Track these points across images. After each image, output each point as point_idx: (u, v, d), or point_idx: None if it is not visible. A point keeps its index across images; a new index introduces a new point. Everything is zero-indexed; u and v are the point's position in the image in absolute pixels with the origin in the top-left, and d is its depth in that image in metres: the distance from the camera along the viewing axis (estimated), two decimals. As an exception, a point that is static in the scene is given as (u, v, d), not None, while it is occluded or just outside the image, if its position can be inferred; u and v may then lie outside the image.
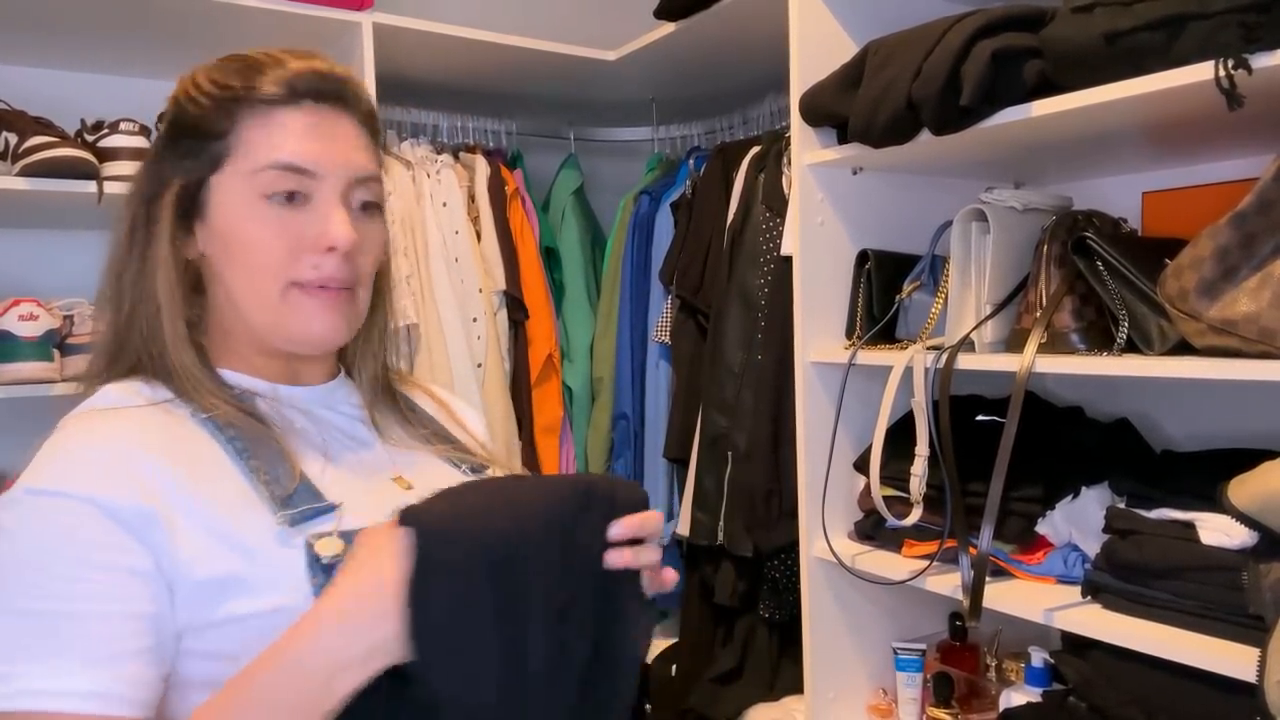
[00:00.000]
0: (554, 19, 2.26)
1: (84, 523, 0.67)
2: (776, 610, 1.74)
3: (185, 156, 0.80)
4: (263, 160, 0.78)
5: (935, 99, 1.19)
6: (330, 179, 0.79)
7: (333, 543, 0.72)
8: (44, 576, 0.65)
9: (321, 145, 0.79)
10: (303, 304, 0.79)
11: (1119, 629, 1.12)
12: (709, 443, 1.80)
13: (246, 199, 0.78)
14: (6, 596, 0.65)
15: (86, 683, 0.63)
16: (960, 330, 1.33)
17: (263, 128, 0.78)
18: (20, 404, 1.60)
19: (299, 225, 0.79)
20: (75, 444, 0.72)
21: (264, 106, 0.78)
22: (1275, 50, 0.93)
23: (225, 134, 0.78)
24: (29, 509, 0.68)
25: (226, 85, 0.79)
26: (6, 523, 0.68)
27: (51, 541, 0.66)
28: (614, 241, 2.19)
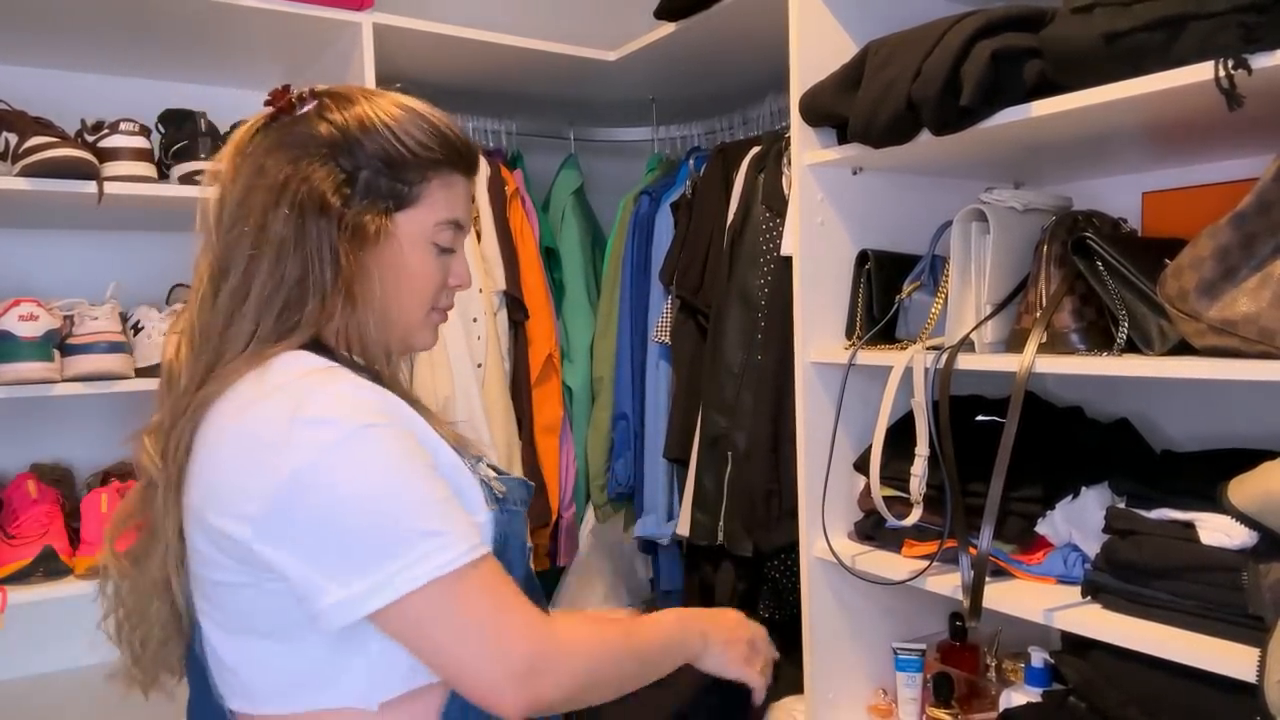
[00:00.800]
0: (554, 19, 2.25)
1: (400, 440, 0.84)
2: (776, 610, 1.74)
3: (382, 184, 0.94)
4: (444, 217, 0.98)
5: (935, 99, 1.19)
6: (464, 235, 1.03)
7: (499, 483, 0.96)
8: (416, 479, 0.83)
9: (467, 208, 1.02)
10: (427, 327, 1.02)
11: (1119, 629, 1.12)
12: (709, 443, 1.80)
13: (422, 242, 0.97)
14: (405, 500, 0.81)
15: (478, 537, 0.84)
16: (960, 330, 1.33)
17: (446, 191, 0.98)
18: (20, 404, 1.61)
19: (446, 268, 1.00)
20: (348, 389, 0.85)
21: (451, 173, 0.98)
22: (1275, 50, 0.93)
23: (417, 183, 0.96)
24: (370, 437, 0.82)
25: (429, 149, 0.96)
26: (353, 452, 0.81)
27: (404, 457, 0.83)
28: (614, 241, 2.19)
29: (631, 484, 2.13)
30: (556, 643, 0.85)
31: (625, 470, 2.13)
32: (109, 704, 1.73)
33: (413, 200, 0.96)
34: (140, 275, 1.85)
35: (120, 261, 1.91)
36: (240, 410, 0.84)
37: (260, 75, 2.00)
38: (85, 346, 1.59)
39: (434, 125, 0.98)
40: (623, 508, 2.21)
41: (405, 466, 0.83)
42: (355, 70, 1.75)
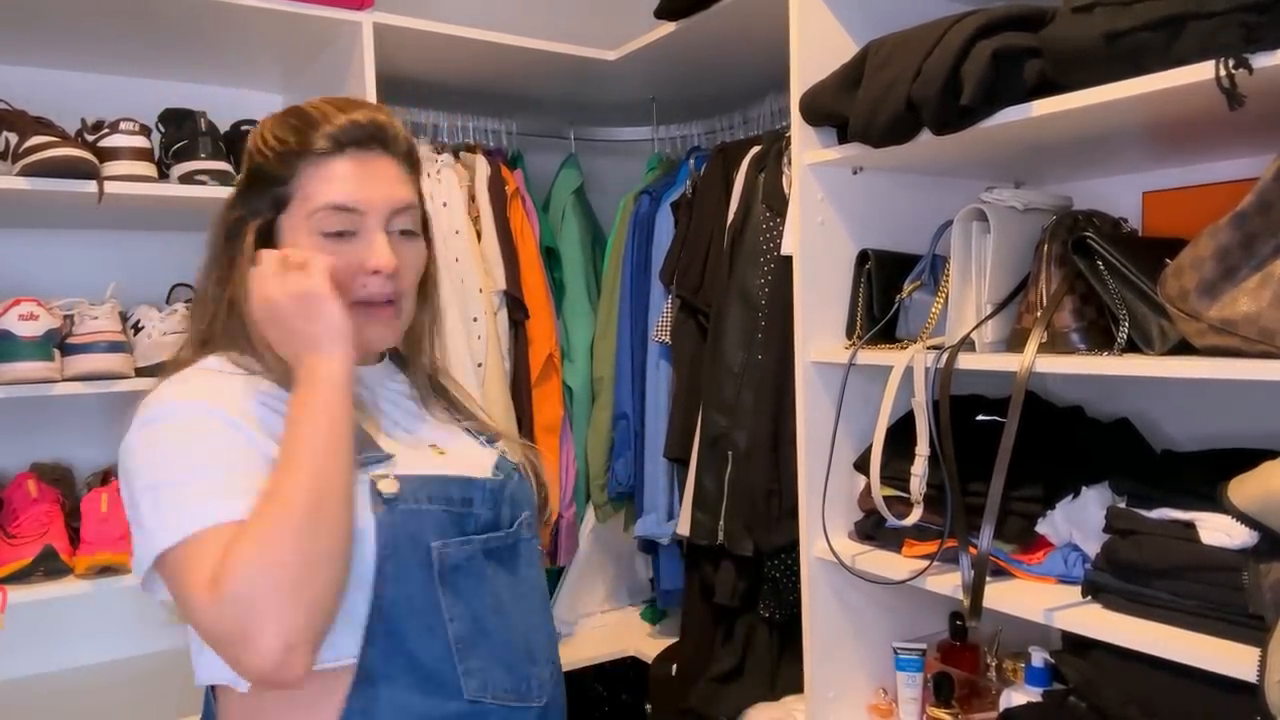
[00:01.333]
0: (554, 19, 2.26)
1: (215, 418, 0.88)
2: (777, 610, 1.74)
3: (259, 200, 0.98)
4: (318, 203, 0.95)
5: (935, 99, 1.19)
6: (372, 214, 0.97)
7: (391, 482, 0.91)
8: (190, 449, 0.86)
9: (363, 186, 0.96)
10: (359, 320, 0.96)
11: (1119, 629, 1.12)
12: (709, 442, 1.80)
13: (308, 235, 0.96)
14: (168, 470, 0.85)
15: (239, 504, 0.82)
16: (960, 330, 1.33)
17: (316, 176, 0.96)
18: (20, 404, 1.61)
19: (350, 254, 0.96)
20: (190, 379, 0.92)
21: (317, 158, 0.96)
22: (1275, 50, 0.93)
23: (287, 181, 0.96)
24: (168, 413, 0.88)
25: (285, 141, 0.96)
26: (151, 428, 0.88)
27: (193, 429, 0.87)
28: (614, 241, 2.19)
29: (631, 484, 2.13)
30: (221, 595, 0.77)
31: (625, 470, 2.13)
32: (109, 703, 1.74)
33: (288, 198, 0.96)
34: (140, 275, 1.85)
35: (120, 261, 1.91)
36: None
37: (260, 75, 2.00)
38: (85, 346, 1.59)
39: (300, 116, 0.98)
40: (623, 507, 2.21)
41: (177, 439, 0.86)
42: (355, 70, 1.75)
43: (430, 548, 0.92)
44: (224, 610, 0.77)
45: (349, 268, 0.96)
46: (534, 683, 0.98)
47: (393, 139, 1.00)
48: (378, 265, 0.96)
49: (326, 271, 0.92)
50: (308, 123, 0.96)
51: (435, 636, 0.91)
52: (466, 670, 0.93)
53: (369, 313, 0.98)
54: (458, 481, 0.97)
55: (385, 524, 0.90)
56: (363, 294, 0.97)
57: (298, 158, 0.96)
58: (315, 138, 0.95)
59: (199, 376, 0.93)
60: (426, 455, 1.01)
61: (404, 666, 0.90)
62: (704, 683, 1.83)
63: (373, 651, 0.89)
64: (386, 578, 0.89)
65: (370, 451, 0.94)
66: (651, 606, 2.33)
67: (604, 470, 2.16)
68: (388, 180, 0.98)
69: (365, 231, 0.97)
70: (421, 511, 0.93)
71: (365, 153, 0.97)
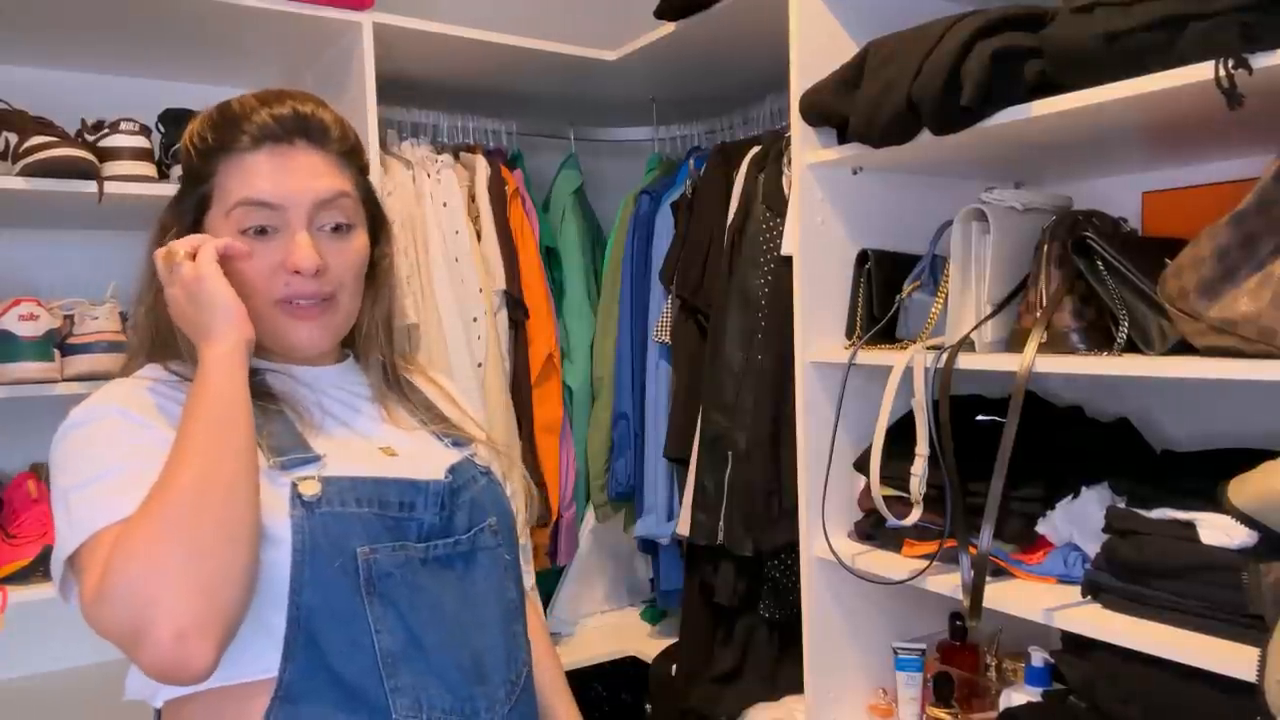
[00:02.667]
0: (554, 19, 2.26)
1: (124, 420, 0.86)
2: (776, 610, 1.74)
3: (185, 203, 0.96)
4: (234, 200, 0.92)
5: (935, 99, 1.19)
6: (292, 209, 0.93)
7: (312, 484, 0.87)
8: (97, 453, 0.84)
9: (281, 181, 0.92)
10: (283, 319, 0.94)
11: (1119, 629, 1.12)
12: (709, 442, 1.80)
13: (229, 233, 0.93)
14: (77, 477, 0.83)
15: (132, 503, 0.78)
16: (960, 330, 1.33)
17: (233, 173, 0.93)
18: (20, 404, 1.60)
19: (271, 252, 0.93)
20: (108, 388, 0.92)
21: (234, 154, 0.93)
22: (1275, 50, 0.93)
23: (208, 180, 0.94)
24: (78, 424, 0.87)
25: (204, 139, 0.94)
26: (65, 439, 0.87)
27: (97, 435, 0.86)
28: (614, 241, 2.19)
29: (631, 484, 2.13)
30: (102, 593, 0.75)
31: (625, 470, 2.13)
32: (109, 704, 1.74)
33: (209, 198, 0.94)
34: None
35: (120, 261, 1.90)
36: None
37: (260, 75, 2.00)
38: (85, 346, 1.59)
39: (223, 112, 0.95)
40: (623, 507, 2.21)
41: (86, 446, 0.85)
42: (355, 70, 1.75)
43: (355, 553, 0.86)
44: (114, 607, 0.74)
45: (270, 266, 0.92)
46: (481, 703, 0.90)
47: (318, 129, 0.95)
48: (297, 264, 0.91)
49: (214, 254, 0.88)
50: (229, 119, 0.93)
51: (360, 650, 0.84)
52: (395, 688, 0.85)
53: (295, 312, 0.94)
54: (398, 484, 0.91)
55: (302, 528, 0.84)
56: (283, 293, 0.93)
57: (218, 155, 0.93)
58: (235, 134, 0.92)
59: (118, 384, 0.92)
60: (372, 457, 0.95)
61: (326, 682, 0.83)
62: (704, 683, 1.83)
63: (292, 666, 0.83)
64: (304, 584, 0.83)
65: (297, 453, 0.89)
66: (651, 606, 2.33)
67: (604, 470, 2.16)
68: (309, 173, 0.93)
69: (286, 228, 0.93)
70: (346, 515, 0.87)
71: (286, 146, 0.93)
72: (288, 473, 0.87)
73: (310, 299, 0.94)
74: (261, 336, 0.93)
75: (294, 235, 0.92)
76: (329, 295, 0.95)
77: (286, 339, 0.95)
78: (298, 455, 0.89)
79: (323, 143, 0.96)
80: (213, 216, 0.94)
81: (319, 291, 0.94)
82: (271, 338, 0.95)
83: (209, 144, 0.93)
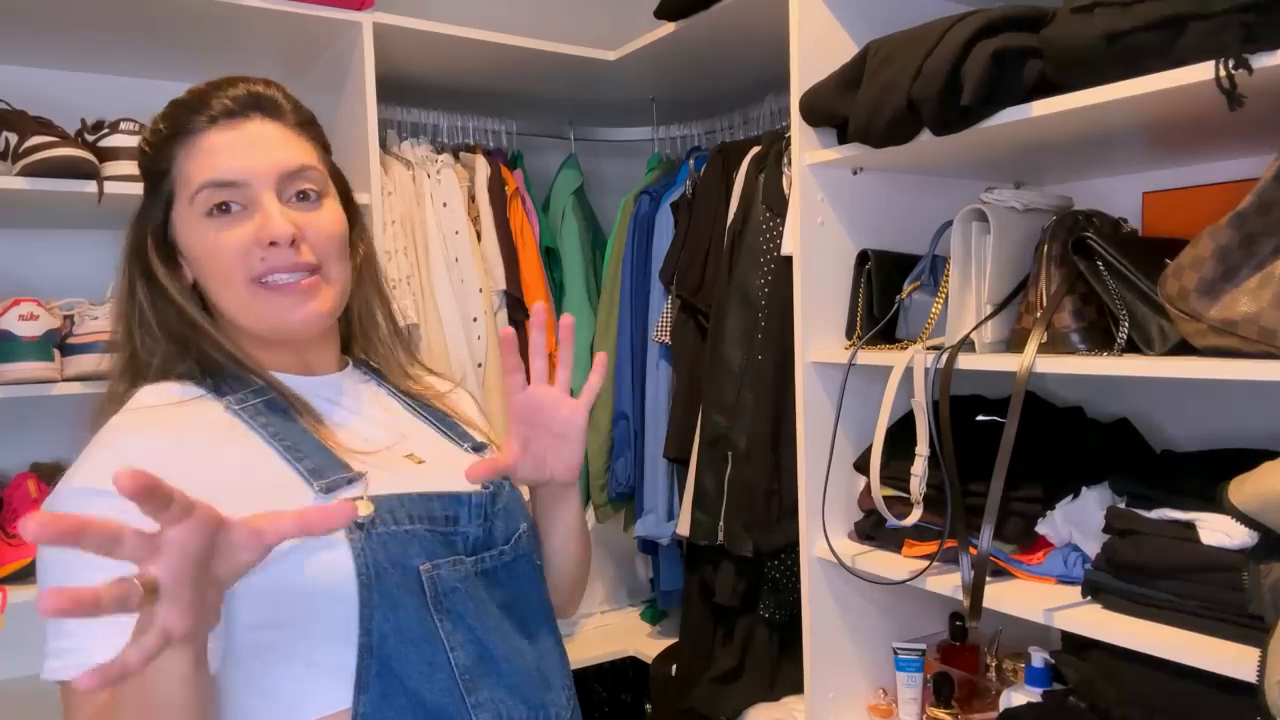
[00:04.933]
0: (554, 19, 2.26)
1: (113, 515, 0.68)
2: (776, 610, 1.74)
3: (150, 205, 0.91)
4: (196, 184, 0.87)
5: (936, 99, 1.19)
6: (257, 184, 0.88)
7: (366, 504, 0.83)
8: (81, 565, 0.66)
9: (241, 155, 0.88)
10: (271, 299, 0.88)
11: (1119, 629, 1.12)
12: (709, 442, 1.80)
13: (197, 221, 0.88)
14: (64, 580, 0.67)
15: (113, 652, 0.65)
16: (960, 330, 1.33)
17: (190, 157, 0.88)
18: (20, 404, 1.60)
19: (242, 230, 0.87)
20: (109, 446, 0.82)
21: (189, 138, 0.88)
22: (1275, 50, 0.93)
23: (167, 172, 0.89)
24: (72, 505, 0.76)
25: (157, 130, 0.90)
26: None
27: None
28: (614, 241, 2.19)
29: (631, 484, 2.13)
30: None
31: (625, 470, 2.13)
32: (109, 704, 1.74)
33: (172, 190, 0.89)
34: (140, 275, 1.85)
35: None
36: None
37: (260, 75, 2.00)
38: (85, 346, 1.59)
39: (175, 104, 0.91)
40: (623, 507, 2.21)
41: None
42: (355, 70, 1.75)
43: (419, 571, 0.83)
44: None
45: (242, 245, 0.86)
46: (552, 710, 0.89)
47: (272, 104, 0.92)
48: (271, 234, 0.86)
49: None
50: (182, 107, 0.90)
51: (437, 670, 0.82)
52: (477, 703, 0.83)
53: (279, 290, 0.88)
54: (441, 498, 0.88)
55: (363, 552, 0.80)
56: (261, 268, 0.87)
57: (172, 142, 0.89)
58: (188, 117, 0.89)
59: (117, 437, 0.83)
60: (403, 468, 0.91)
61: (405, 707, 0.80)
62: (704, 683, 1.83)
63: (367, 696, 0.79)
64: (373, 609, 0.80)
65: (337, 473, 0.84)
66: (651, 606, 2.33)
67: (604, 470, 2.16)
68: (269, 144, 0.89)
69: (253, 205, 0.87)
70: (403, 533, 0.84)
71: (241, 120, 0.89)
72: (332, 495, 0.82)
73: (291, 273, 0.88)
74: (253, 330, 0.90)
75: (257, 211, 0.87)
76: (312, 268, 0.89)
77: (282, 320, 0.89)
78: (340, 476, 0.84)
79: (278, 114, 0.92)
80: (178, 210, 0.89)
81: (298, 263, 0.88)
82: (261, 326, 0.89)
83: (162, 133, 0.90)
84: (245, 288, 0.87)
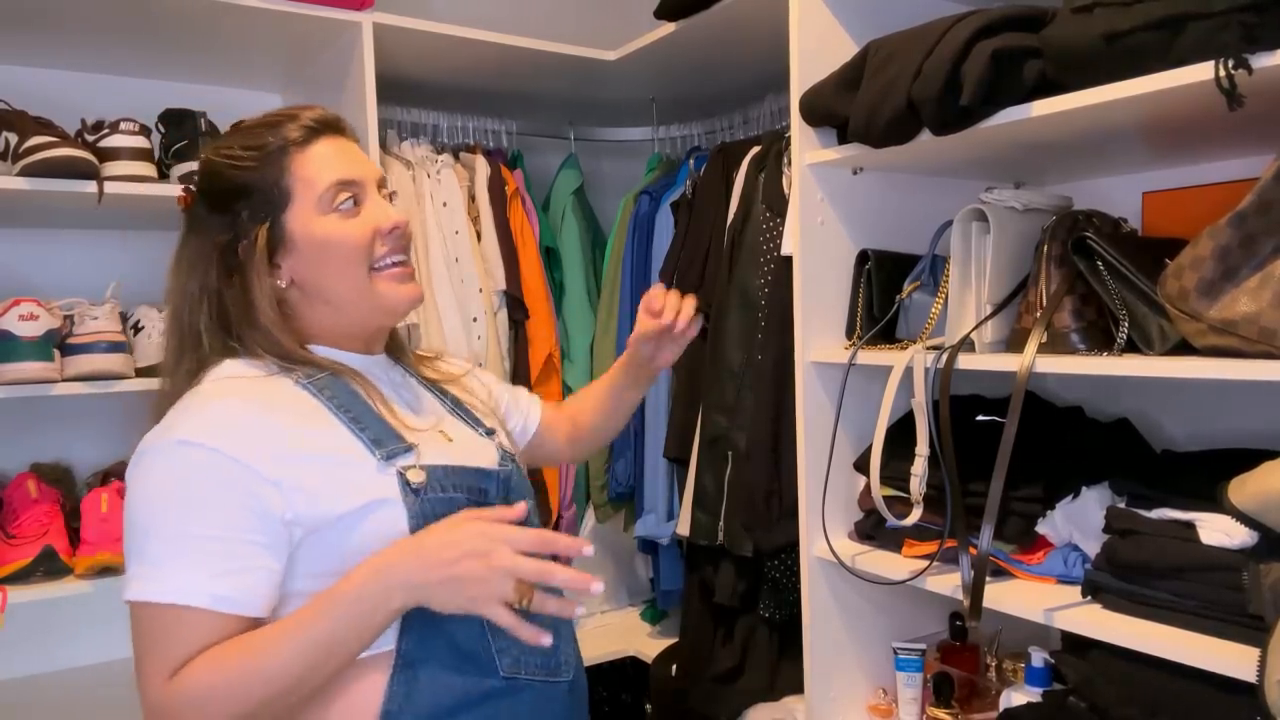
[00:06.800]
0: (554, 19, 2.26)
1: (217, 469, 0.88)
2: (776, 610, 1.74)
3: (247, 212, 0.99)
4: (324, 184, 0.99)
5: (935, 99, 1.19)
6: (367, 184, 1.03)
7: (418, 472, 0.96)
8: (187, 508, 0.87)
9: (351, 162, 1.03)
10: (387, 283, 1.03)
11: (1119, 629, 1.12)
12: (709, 442, 1.80)
13: (323, 217, 1.00)
14: (160, 523, 0.87)
15: (219, 588, 0.86)
16: (960, 330, 1.33)
17: (309, 162, 1.00)
18: (20, 404, 1.60)
19: (363, 224, 1.01)
20: (206, 407, 0.92)
21: (300, 148, 1.00)
22: (1275, 50, 0.93)
23: (279, 179, 0.99)
24: (177, 455, 0.88)
25: (264, 144, 0.99)
26: (158, 464, 0.89)
27: (193, 481, 0.87)
28: (614, 241, 2.19)
29: (631, 484, 2.13)
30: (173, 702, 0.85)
31: (625, 470, 2.13)
32: (109, 704, 1.74)
33: (288, 194, 0.99)
34: (140, 275, 1.84)
35: (120, 261, 1.91)
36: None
37: (260, 75, 2.00)
38: (85, 346, 1.59)
39: (259, 123, 1.02)
40: (623, 508, 2.21)
41: (177, 491, 0.87)
42: (355, 70, 1.75)
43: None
44: (172, 705, 0.85)
45: (366, 236, 1.01)
46: (561, 659, 1.03)
47: (346, 126, 1.06)
48: (395, 220, 1.02)
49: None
50: (272, 125, 1.01)
51: (470, 618, 0.92)
52: (500, 649, 0.97)
53: (394, 275, 1.03)
54: (474, 471, 1.01)
55: (416, 513, 0.94)
56: (383, 252, 1.02)
57: (283, 154, 0.99)
58: (289, 131, 1.00)
59: (212, 403, 0.93)
60: (440, 443, 1.03)
61: (442, 648, 0.94)
62: (704, 683, 1.83)
63: (410, 638, 0.93)
64: None
65: (395, 443, 0.97)
66: (651, 606, 2.33)
67: (604, 470, 2.16)
68: (358, 154, 1.05)
69: (367, 201, 1.02)
70: (448, 499, 0.97)
71: (333, 135, 1.03)
72: (390, 463, 0.95)
73: (403, 256, 1.04)
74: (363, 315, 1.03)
75: (375, 203, 1.03)
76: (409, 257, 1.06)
77: (398, 300, 1.03)
78: (397, 446, 0.97)
79: (350, 134, 1.07)
80: (297, 209, 0.99)
81: (405, 250, 1.05)
82: (375, 309, 1.03)
83: (269, 147, 0.99)
84: (366, 275, 1.01)
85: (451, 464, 1.00)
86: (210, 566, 0.86)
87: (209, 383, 0.96)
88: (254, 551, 0.88)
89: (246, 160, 0.99)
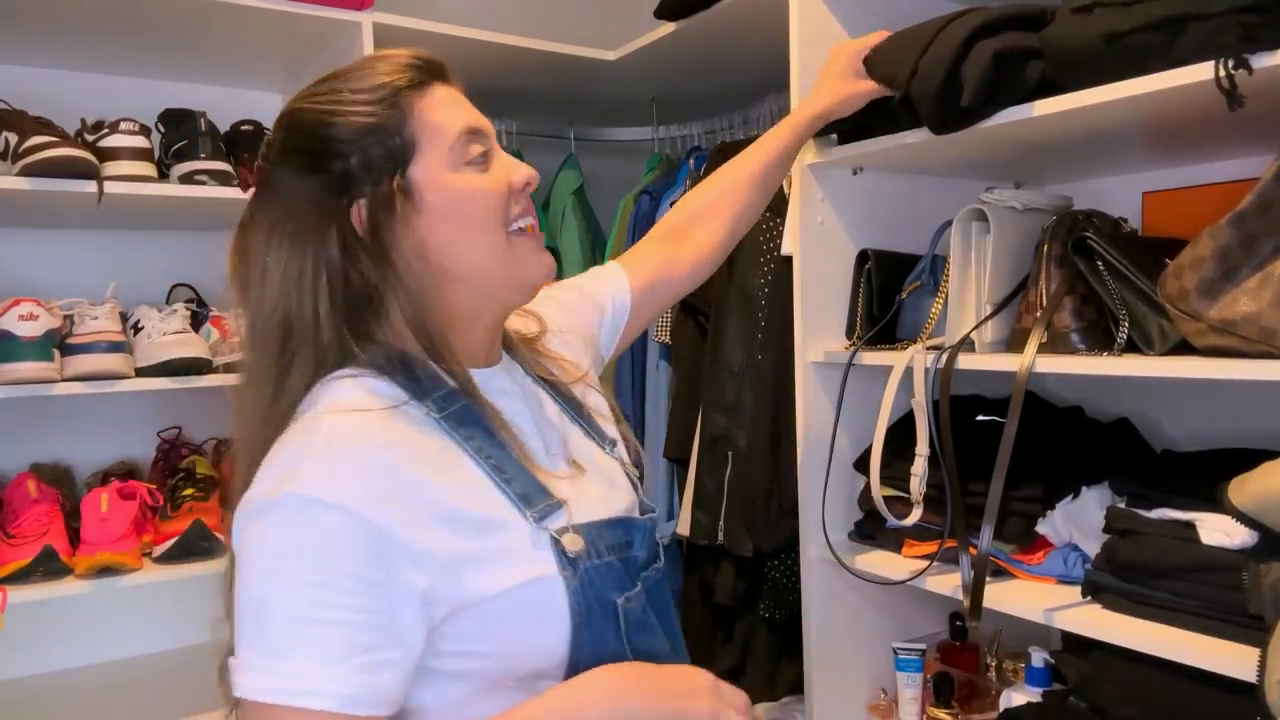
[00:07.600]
0: (554, 19, 2.25)
1: (353, 537, 0.71)
2: (776, 610, 1.74)
3: (368, 165, 0.81)
4: (454, 132, 0.83)
5: (935, 98, 1.19)
6: (490, 136, 0.87)
7: (574, 538, 0.81)
8: (316, 587, 0.70)
9: (473, 110, 0.87)
10: (524, 245, 0.87)
11: (1119, 629, 1.12)
12: (709, 442, 1.80)
13: (456, 170, 0.83)
14: (282, 602, 0.70)
15: (347, 687, 0.70)
16: (960, 330, 1.33)
17: (437, 107, 0.83)
18: (20, 404, 1.60)
19: (495, 179, 0.85)
20: (339, 449, 0.74)
21: (421, 90, 0.83)
22: (1275, 50, 0.93)
23: (403, 126, 0.82)
24: (304, 517, 0.71)
25: (380, 85, 0.82)
26: (280, 526, 0.72)
27: (324, 552, 0.71)
28: (614, 241, 2.19)
29: (631, 484, 2.12)
30: None
31: (625, 470, 2.13)
32: (109, 703, 1.74)
33: (413, 143, 0.82)
34: (140, 275, 1.85)
35: (120, 261, 1.91)
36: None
37: (260, 75, 2.00)
38: (85, 346, 1.58)
39: (364, 68, 0.84)
40: (623, 508, 2.21)
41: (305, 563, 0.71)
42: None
43: (616, 605, 0.83)
44: None
45: (500, 193, 0.85)
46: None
47: (452, 71, 0.90)
48: (526, 174, 0.87)
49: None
50: (378, 63, 0.84)
51: None
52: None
53: (529, 240, 0.87)
54: (622, 524, 0.88)
55: (576, 591, 0.80)
56: (517, 212, 0.87)
57: (404, 95, 0.82)
58: (411, 75, 0.83)
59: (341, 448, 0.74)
60: (578, 482, 0.89)
61: None
62: (704, 683, 1.83)
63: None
64: (581, 648, 0.80)
65: (544, 500, 0.82)
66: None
67: (604, 470, 2.16)
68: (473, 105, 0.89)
69: (494, 155, 0.87)
70: (601, 566, 0.83)
71: (451, 81, 0.88)
72: (543, 525, 0.81)
73: (534, 216, 0.89)
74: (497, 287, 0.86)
75: (503, 159, 0.87)
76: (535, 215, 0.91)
77: (533, 271, 0.87)
78: (548, 503, 0.82)
79: (458, 84, 0.90)
80: (425, 162, 0.82)
81: (533, 211, 0.89)
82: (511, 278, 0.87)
83: (389, 85, 0.82)
84: (504, 237, 0.85)
85: (597, 519, 0.85)
86: (341, 660, 0.70)
87: (327, 415, 0.76)
88: (390, 641, 0.72)
89: (357, 106, 0.81)
